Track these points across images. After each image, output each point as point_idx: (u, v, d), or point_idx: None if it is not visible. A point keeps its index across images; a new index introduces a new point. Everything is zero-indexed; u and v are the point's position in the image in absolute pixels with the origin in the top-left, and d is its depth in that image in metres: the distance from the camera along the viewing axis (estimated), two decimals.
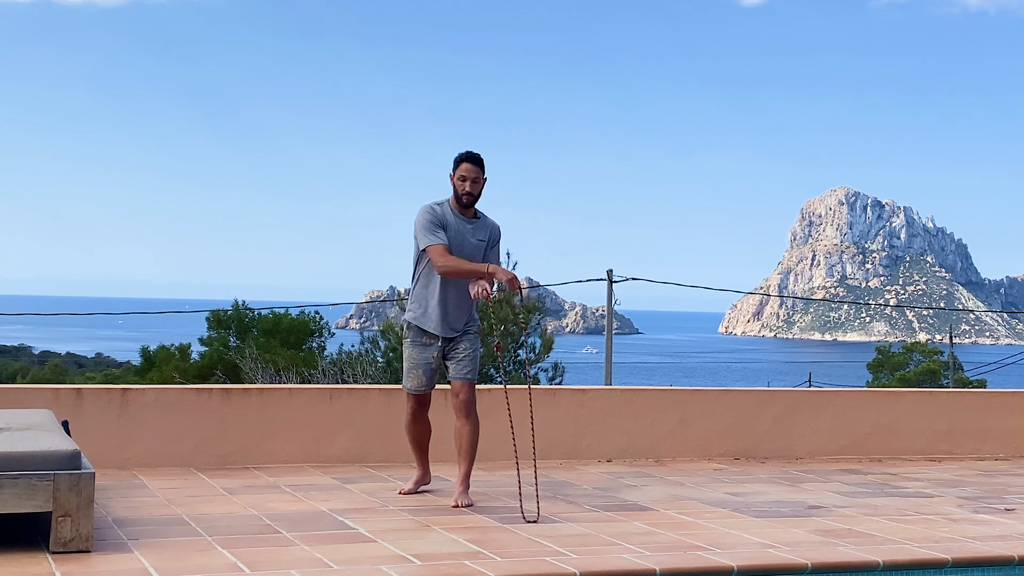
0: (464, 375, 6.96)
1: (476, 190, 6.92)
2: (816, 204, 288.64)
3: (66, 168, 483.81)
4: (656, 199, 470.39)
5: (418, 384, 7.07)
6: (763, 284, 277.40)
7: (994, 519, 6.93)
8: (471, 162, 6.94)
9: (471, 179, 6.90)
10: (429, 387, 7.10)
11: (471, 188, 6.91)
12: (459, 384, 6.96)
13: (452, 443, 7.05)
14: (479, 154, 6.98)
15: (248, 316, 26.77)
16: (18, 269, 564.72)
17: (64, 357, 65.58)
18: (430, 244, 6.86)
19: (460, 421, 6.96)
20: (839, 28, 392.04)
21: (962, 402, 10.40)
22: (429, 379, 7.08)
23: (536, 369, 24.72)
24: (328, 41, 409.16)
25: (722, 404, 9.59)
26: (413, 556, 5.38)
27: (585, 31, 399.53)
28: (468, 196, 6.91)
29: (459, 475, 6.94)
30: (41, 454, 5.28)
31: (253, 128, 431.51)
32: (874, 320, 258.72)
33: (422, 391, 7.10)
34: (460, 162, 6.95)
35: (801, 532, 6.26)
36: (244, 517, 6.29)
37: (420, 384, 7.07)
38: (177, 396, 8.30)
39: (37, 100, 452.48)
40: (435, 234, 6.87)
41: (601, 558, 5.43)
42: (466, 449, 6.93)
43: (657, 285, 34.73)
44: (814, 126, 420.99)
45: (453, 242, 6.91)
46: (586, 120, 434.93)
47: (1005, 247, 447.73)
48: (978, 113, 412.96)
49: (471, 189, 6.91)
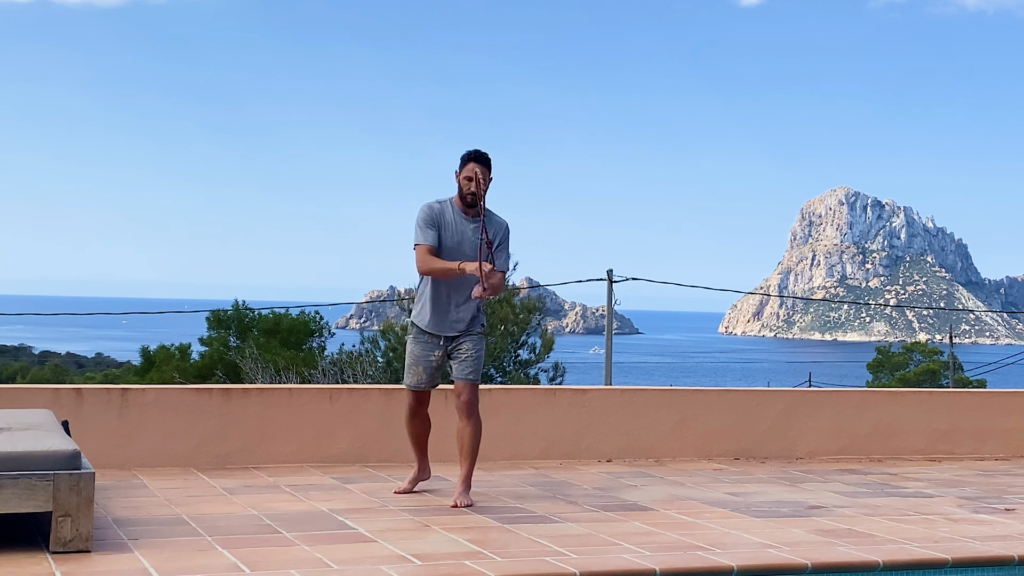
0: (466, 376, 6.96)
1: (481, 190, 6.91)
2: (816, 204, 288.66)
3: (66, 168, 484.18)
4: (656, 199, 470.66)
5: (416, 381, 7.08)
6: (763, 284, 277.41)
7: (994, 519, 6.93)
8: (478, 162, 6.92)
9: (478, 179, 6.90)
10: (429, 385, 7.10)
11: (476, 188, 6.90)
12: (461, 384, 6.96)
13: (453, 443, 7.04)
14: (487, 154, 6.96)
15: (248, 316, 26.78)
16: (18, 269, 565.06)
17: (64, 357, 65.60)
18: (416, 243, 6.91)
19: (462, 422, 6.96)
20: (837, 28, 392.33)
21: (962, 402, 10.39)
22: (429, 377, 7.08)
23: (536, 369, 24.73)
24: (328, 41, 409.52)
25: (722, 404, 9.59)
26: (413, 556, 5.38)
27: (585, 31, 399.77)
28: (472, 196, 6.91)
29: (460, 475, 6.94)
30: (41, 454, 5.28)
31: (253, 128, 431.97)
32: (874, 320, 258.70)
33: (420, 388, 7.10)
34: (467, 161, 6.93)
35: (801, 532, 6.26)
36: (244, 517, 6.29)
37: (419, 381, 7.07)
38: (177, 396, 8.30)
39: (37, 100, 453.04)
40: (424, 234, 6.89)
41: (601, 558, 5.43)
42: (467, 450, 6.93)
43: (657, 285, 34.77)
44: (814, 126, 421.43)
45: (452, 240, 6.91)
46: (586, 120, 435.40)
47: (1005, 247, 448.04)
48: (978, 113, 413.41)
49: (475, 189, 6.90)
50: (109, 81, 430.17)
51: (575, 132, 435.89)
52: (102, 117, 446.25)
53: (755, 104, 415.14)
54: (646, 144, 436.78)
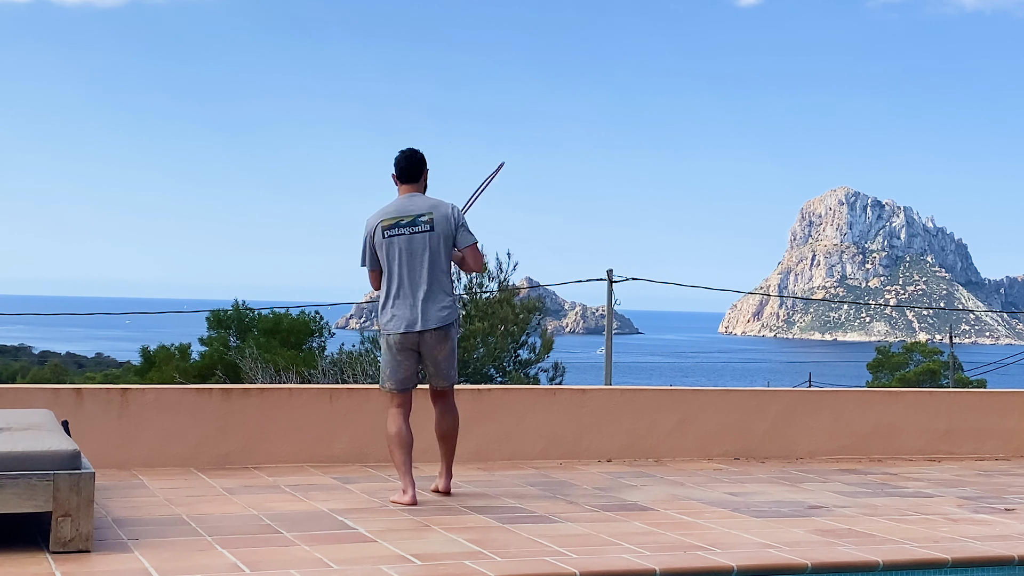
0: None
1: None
2: (816, 204, 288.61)
3: (65, 168, 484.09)
4: (656, 199, 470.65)
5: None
6: (763, 284, 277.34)
7: (994, 519, 6.93)
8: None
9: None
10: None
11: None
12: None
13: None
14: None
15: (248, 316, 26.78)
16: (18, 269, 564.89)
17: (64, 357, 65.61)
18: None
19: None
20: (836, 28, 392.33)
21: (962, 402, 10.39)
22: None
23: (536, 369, 24.72)
24: (327, 40, 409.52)
25: (722, 404, 9.59)
26: (413, 556, 5.38)
27: (584, 31, 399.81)
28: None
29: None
30: (41, 454, 5.28)
31: (253, 127, 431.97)
32: (874, 320, 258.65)
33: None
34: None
35: (801, 532, 6.26)
36: (244, 517, 6.29)
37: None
38: (177, 396, 8.30)
39: (36, 99, 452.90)
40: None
41: (601, 558, 5.43)
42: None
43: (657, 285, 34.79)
44: (814, 126, 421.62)
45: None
46: (586, 120, 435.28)
47: (1005, 247, 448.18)
48: (977, 113, 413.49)
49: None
50: (108, 81, 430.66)
51: (575, 132, 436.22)
52: (101, 116, 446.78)
53: (755, 104, 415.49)
54: (646, 144, 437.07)
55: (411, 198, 7.00)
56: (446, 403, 7.12)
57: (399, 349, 6.92)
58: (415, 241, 6.88)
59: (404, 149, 7.07)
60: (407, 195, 7.02)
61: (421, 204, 6.96)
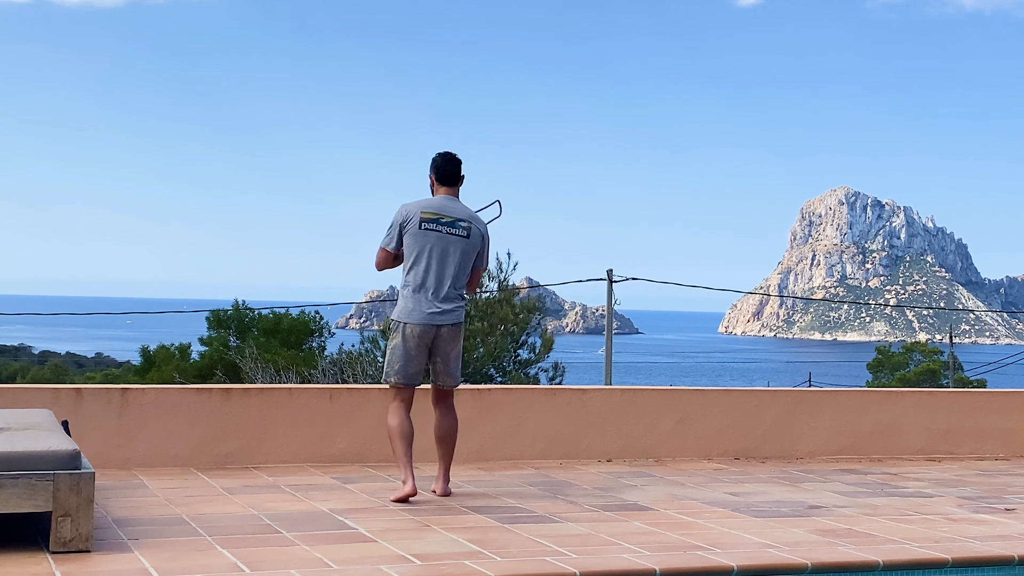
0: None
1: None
2: (816, 204, 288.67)
3: (65, 168, 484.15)
4: (656, 199, 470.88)
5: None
6: (763, 284, 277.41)
7: (994, 519, 6.93)
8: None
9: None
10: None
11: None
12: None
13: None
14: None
15: (248, 316, 26.77)
16: (18, 269, 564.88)
17: (64, 357, 65.59)
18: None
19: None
20: (836, 28, 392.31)
21: (962, 402, 10.39)
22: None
23: (536, 369, 24.70)
24: (327, 41, 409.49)
25: (722, 404, 9.59)
26: (413, 556, 5.38)
27: (584, 31, 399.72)
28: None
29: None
30: (41, 454, 5.28)
31: (253, 128, 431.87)
32: (874, 320, 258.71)
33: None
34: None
35: (801, 532, 6.26)
36: (244, 517, 6.29)
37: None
38: (177, 396, 8.30)
39: (36, 100, 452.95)
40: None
41: (601, 558, 5.43)
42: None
43: (657, 285, 34.78)
44: (814, 126, 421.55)
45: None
46: (586, 120, 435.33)
47: (1005, 247, 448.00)
48: (977, 113, 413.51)
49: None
50: (108, 81, 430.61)
51: (575, 132, 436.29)
52: (101, 117, 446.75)
53: (755, 104, 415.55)
54: (646, 144, 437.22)
55: (452, 201, 7.16)
56: (447, 405, 7.17)
57: (416, 342, 7.02)
58: (450, 242, 7.05)
59: (444, 152, 7.23)
60: (446, 196, 7.18)
61: (462, 211, 7.15)
